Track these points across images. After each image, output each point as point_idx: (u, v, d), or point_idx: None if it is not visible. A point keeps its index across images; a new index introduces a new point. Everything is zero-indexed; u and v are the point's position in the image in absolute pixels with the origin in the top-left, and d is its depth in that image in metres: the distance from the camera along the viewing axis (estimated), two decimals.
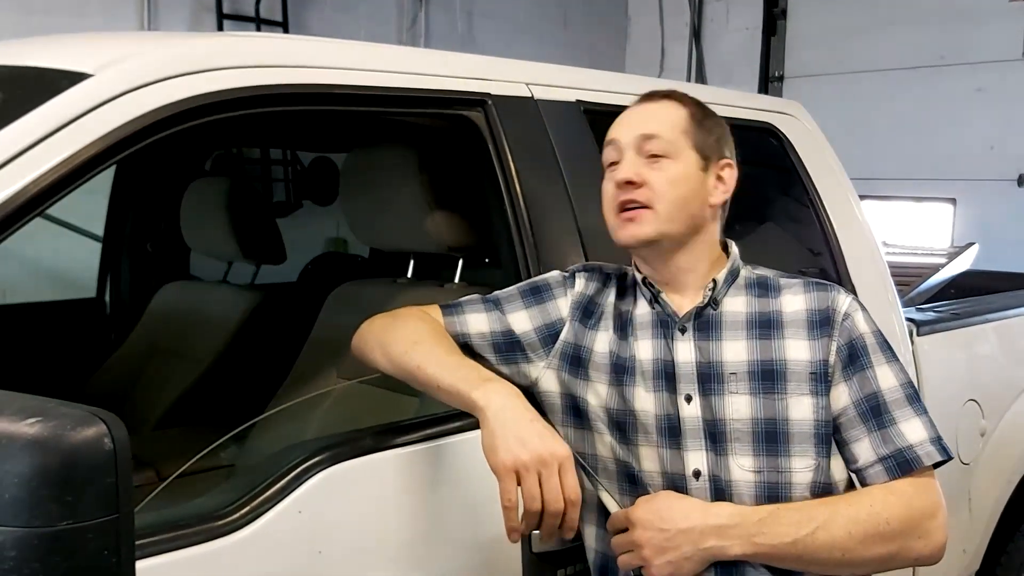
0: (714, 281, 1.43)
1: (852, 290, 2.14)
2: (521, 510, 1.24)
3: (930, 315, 2.48)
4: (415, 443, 1.39)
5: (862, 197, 2.38)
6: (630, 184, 1.41)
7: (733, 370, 1.39)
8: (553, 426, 1.47)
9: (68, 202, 1.21)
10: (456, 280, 1.93)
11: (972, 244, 3.78)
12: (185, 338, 2.58)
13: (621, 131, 1.46)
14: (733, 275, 1.46)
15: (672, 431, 1.40)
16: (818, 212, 2.22)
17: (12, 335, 2.72)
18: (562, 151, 1.73)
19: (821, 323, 1.40)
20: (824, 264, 2.19)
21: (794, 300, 1.43)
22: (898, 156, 6.01)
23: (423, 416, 1.49)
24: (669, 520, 1.32)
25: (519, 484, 1.23)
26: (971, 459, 2.35)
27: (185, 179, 2.64)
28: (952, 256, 3.64)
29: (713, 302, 1.43)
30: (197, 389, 2.47)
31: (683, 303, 1.44)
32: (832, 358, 1.38)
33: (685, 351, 1.42)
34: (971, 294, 3.15)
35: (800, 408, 1.37)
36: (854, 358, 1.39)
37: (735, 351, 1.40)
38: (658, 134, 1.42)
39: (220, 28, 4.83)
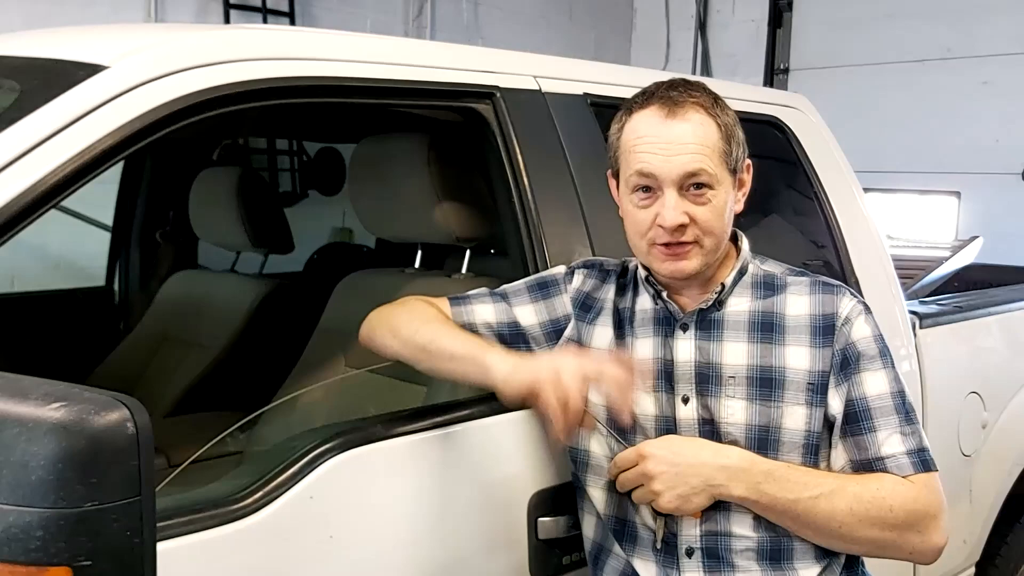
0: (722, 285, 1.42)
1: (856, 283, 2.15)
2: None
3: (933, 308, 2.49)
4: (424, 430, 1.41)
5: (866, 190, 2.39)
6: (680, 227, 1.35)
7: (732, 373, 1.39)
8: None
9: (78, 191, 1.22)
10: (463, 271, 1.95)
11: (976, 237, 3.79)
12: (194, 327, 2.60)
13: (657, 164, 1.34)
14: (741, 273, 1.44)
15: (668, 432, 1.40)
16: (822, 205, 2.22)
17: (22, 323, 2.74)
18: (569, 144, 1.74)
19: (824, 330, 1.39)
20: (828, 257, 2.20)
21: (798, 302, 1.41)
22: (903, 149, 6.00)
23: (432, 404, 1.51)
24: (681, 455, 1.34)
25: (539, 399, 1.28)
26: (972, 451, 2.37)
27: (193, 169, 2.66)
28: (956, 249, 3.65)
29: (718, 303, 1.42)
30: (206, 378, 2.49)
31: (687, 301, 1.44)
32: (830, 367, 1.38)
33: (685, 350, 1.41)
34: (975, 287, 3.17)
35: (794, 418, 1.36)
36: (845, 364, 1.38)
37: (735, 354, 1.40)
38: (702, 169, 1.34)
39: (227, 19, 4.83)
